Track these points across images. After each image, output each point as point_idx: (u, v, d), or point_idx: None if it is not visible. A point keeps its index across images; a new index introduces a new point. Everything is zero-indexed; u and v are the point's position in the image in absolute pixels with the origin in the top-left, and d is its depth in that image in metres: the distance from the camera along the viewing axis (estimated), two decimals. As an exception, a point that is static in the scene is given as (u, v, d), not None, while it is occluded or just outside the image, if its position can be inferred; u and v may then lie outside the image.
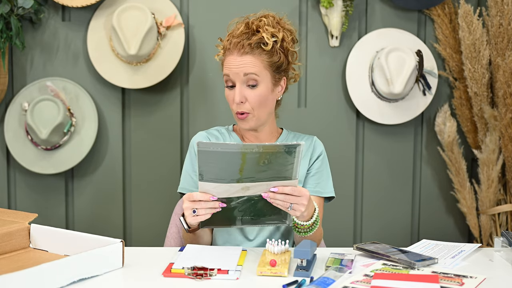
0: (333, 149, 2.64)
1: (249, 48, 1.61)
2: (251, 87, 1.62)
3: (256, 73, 1.61)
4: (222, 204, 1.42)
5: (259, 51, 1.62)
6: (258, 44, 1.62)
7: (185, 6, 2.61)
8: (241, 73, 1.61)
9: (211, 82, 2.62)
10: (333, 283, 1.26)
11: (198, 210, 1.42)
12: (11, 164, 2.65)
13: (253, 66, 1.61)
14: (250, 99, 1.62)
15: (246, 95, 1.62)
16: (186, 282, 1.29)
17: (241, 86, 1.62)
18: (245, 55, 1.61)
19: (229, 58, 1.63)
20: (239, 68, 1.61)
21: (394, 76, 2.47)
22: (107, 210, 2.67)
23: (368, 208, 2.71)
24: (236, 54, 1.62)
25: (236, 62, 1.62)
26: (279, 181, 1.39)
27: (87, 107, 2.57)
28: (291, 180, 1.39)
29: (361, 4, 2.62)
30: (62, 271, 1.23)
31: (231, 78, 1.63)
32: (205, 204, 1.42)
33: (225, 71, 1.64)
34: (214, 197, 1.41)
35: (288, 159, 1.36)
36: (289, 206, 1.42)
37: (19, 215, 1.52)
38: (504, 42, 2.45)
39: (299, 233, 1.54)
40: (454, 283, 1.26)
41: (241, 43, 1.61)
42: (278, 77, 1.67)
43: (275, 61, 1.64)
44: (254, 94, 1.62)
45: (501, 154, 2.55)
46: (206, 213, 1.43)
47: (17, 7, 2.43)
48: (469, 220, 2.62)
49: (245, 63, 1.61)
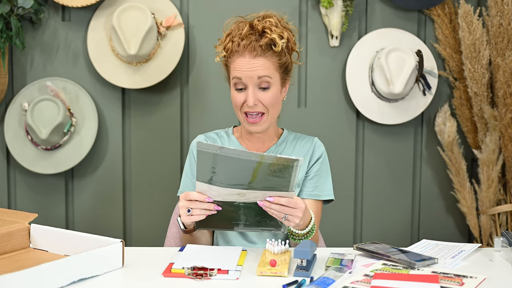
0: (333, 149, 2.64)
1: (261, 50, 1.60)
2: (263, 89, 1.62)
3: (269, 76, 1.61)
4: (217, 207, 1.42)
5: (270, 53, 1.61)
6: (269, 46, 1.61)
7: (185, 6, 2.61)
8: (255, 76, 1.59)
9: (211, 82, 2.62)
10: (333, 283, 1.26)
11: (192, 210, 1.43)
12: (11, 164, 2.65)
13: (266, 68, 1.60)
14: (264, 101, 1.61)
15: (259, 98, 1.61)
16: (186, 282, 1.29)
17: (254, 88, 1.61)
18: (258, 58, 1.60)
19: (240, 61, 1.61)
20: (252, 71, 1.59)
21: (394, 76, 2.47)
22: (107, 210, 2.67)
23: (368, 208, 2.71)
24: (248, 56, 1.60)
25: (249, 65, 1.59)
26: (275, 192, 1.39)
27: (87, 107, 2.57)
28: (287, 192, 1.39)
29: (361, 4, 2.62)
30: (62, 271, 1.23)
31: (243, 81, 1.61)
32: (200, 204, 1.42)
33: (236, 74, 1.61)
34: (210, 198, 1.41)
35: (286, 172, 1.36)
36: (284, 216, 1.42)
37: (19, 215, 1.52)
38: (504, 42, 2.45)
39: (294, 240, 1.55)
40: (454, 283, 1.26)
41: (252, 45, 1.59)
42: (285, 78, 1.68)
43: (284, 62, 1.64)
44: (267, 96, 1.61)
45: (501, 154, 2.55)
46: (200, 214, 1.43)
47: (17, 7, 2.43)
48: (469, 220, 2.62)
49: (258, 65, 1.59)
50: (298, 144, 1.74)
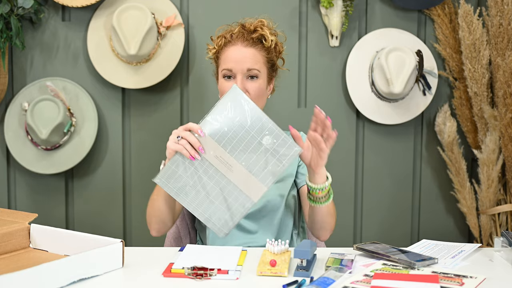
0: (333, 149, 2.63)
1: (252, 42, 1.67)
2: (251, 78, 1.66)
3: (257, 68, 1.66)
4: (201, 149, 1.45)
5: (260, 46, 1.68)
6: (259, 40, 1.68)
7: (185, 6, 2.61)
8: (245, 67, 1.65)
9: (211, 82, 2.62)
10: (333, 283, 1.26)
11: (181, 139, 1.45)
12: (11, 164, 2.65)
13: (256, 62, 1.66)
14: (250, 91, 1.66)
15: (246, 87, 1.66)
16: (186, 282, 1.29)
17: (242, 78, 1.66)
18: (248, 47, 1.66)
19: (231, 50, 1.67)
20: (242, 61, 1.65)
21: (394, 76, 2.47)
22: (107, 210, 2.67)
23: (368, 208, 2.71)
24: (240, 45, 1.66)
25: (240, 53, 1.65)
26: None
27: (87, 107, 2.57)
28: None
29: (361, 4, 2.62)
30: (62, 271, 1.23)
31: (233, 71, 1.65)
32: (191, 136, 1.44)
33: (227, 65, 1.66)
34: (203, 133, 1.45)
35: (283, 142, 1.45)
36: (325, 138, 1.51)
37: (19, 215, 1.52)
38: (504, 42, 2.45)
39: (313, 203, 1.56)
40: (454, 283, 1.26)
41: (244, 36, 1.66)
42: (271, 75, 1.74)
43: (271, 59, 1.71)
44: (255, 85, 1.66)
45: (501, 154, 2.55)
46: (185, 146, 1.44)
47: (17, 7, 2.43)
48: (469, 220, 2.63)
49: (249, 56, 1.66)
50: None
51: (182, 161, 1.47)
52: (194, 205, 1.51)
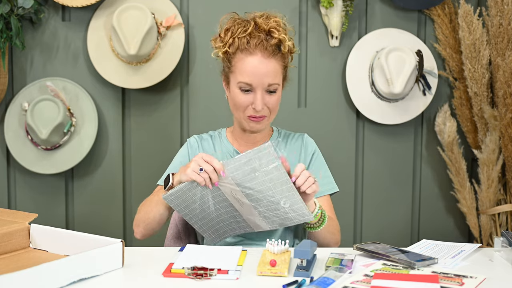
0: (333, 149, 2.64)
1: (271, 51, 1.58)
2: (270, 92, 1.60)
3: (277, 82, 1.60)
4: (217, 183, 1.45)
5: (279, 56, 1.60)
6: (277, 47, 1.59)
7: (185, 6, 2.61)
8: (266, 81, 1.58)
9: (211, 82, 2.62)
10: (333, 283, 1.26)
11: (203, 173, 1.43)
12: (11, 164, 2.65)
13: (276, 74, 1.59)
14: (269, 105, 1.61)
15: (265, 102, 1.60)
16: (186, 282, 1.29)
17: (262, 92, 1.59)
18: (270, 59, 1.57)
19: (250, 61, 1.58)
20: (264, 76, 1.57)
21: (394, 76, 2.47)
22: (107, 210, 2.67)
23: (368, 208, 2.71)
24: (261, 55, 1.57)
25: (262, 67, 1.57)
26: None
27: (87, 107, 2.57)
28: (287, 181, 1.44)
29: (361, 4, 2.62)
30: (62, 271, 1.23)
31: (253, 85, 1.58)
32: (210, 169, 1.42)
33: (245, 78, 1.58)
34: (224, 174, 1.43)
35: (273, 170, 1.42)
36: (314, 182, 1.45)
37: (19, 215, 1.52)
38: (504, 42, 2.45)
39: (310, 229, 1.56)
40: (454, 283, 1.26)
41: (263, 44, 1.57)
42: (285, 79, 1.67)
43: (286, 65, 1.64)
44: (273, 99, 1.61)
45: (501, 154, 2.55)
46: (205, 179, 1.43)
47: (17, 7, 2.43)
48: (469, 220, 2.62)
49: (270, 70, 1.58)
50: (289, 141, 1.74)
51: (195, 187, 1.48)
52: (195, 220, 1.57)
